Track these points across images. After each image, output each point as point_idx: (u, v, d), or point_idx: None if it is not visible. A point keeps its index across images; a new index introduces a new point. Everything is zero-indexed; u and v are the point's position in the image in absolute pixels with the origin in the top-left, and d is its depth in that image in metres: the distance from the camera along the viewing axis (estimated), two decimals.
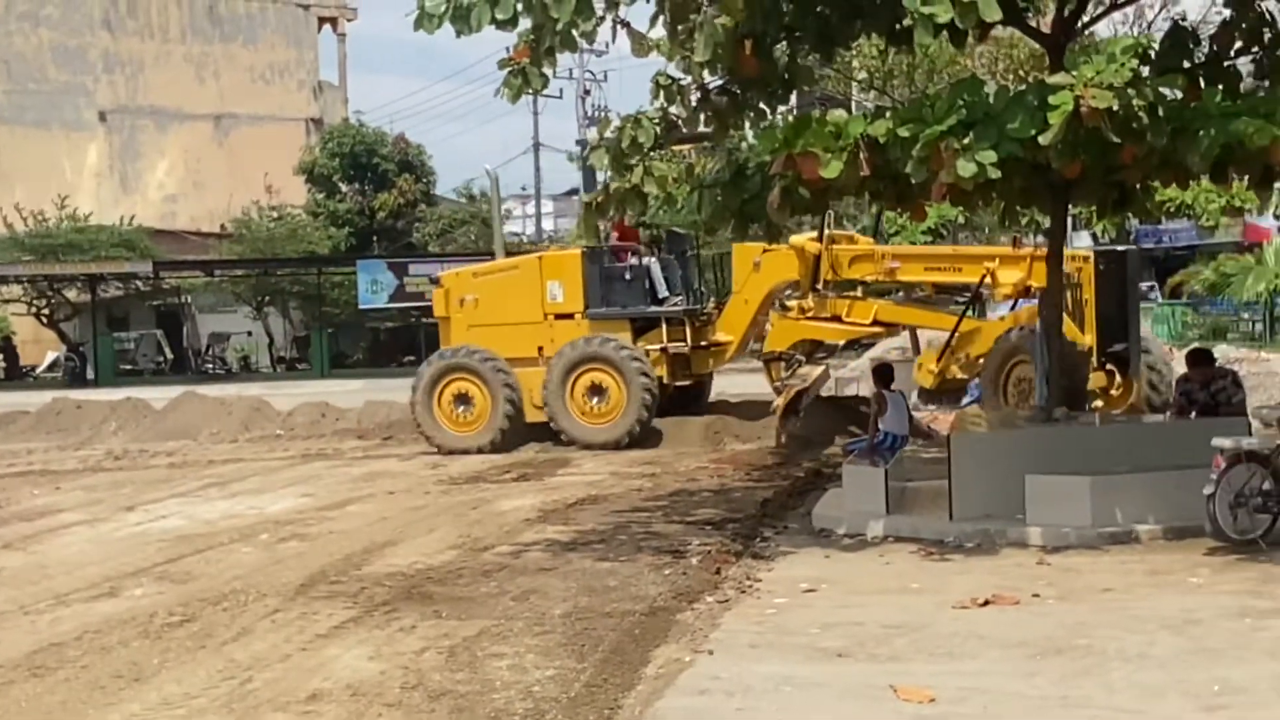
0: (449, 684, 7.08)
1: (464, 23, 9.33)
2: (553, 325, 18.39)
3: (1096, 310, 16.33)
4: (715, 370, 19.70)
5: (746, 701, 6.66)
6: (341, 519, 13.04)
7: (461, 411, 18.38)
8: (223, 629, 8.49)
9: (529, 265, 19.17)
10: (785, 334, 18.03)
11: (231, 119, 57.66)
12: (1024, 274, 16.62)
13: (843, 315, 17.52)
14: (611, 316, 18.25)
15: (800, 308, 17.82)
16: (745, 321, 18.15)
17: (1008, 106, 9.46)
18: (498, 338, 18.37)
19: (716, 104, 11.39)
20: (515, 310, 18.48)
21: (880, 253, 17.67)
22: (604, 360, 17.79)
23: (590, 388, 17.86)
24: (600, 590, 9.21)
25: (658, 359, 18.12)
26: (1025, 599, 8.54)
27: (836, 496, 12.19)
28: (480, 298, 18.82)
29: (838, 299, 17.56)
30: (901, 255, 17.90)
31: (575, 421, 17.96)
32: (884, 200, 12.18)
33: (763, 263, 17.75)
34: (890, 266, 17.34)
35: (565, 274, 18.46)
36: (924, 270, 17.64)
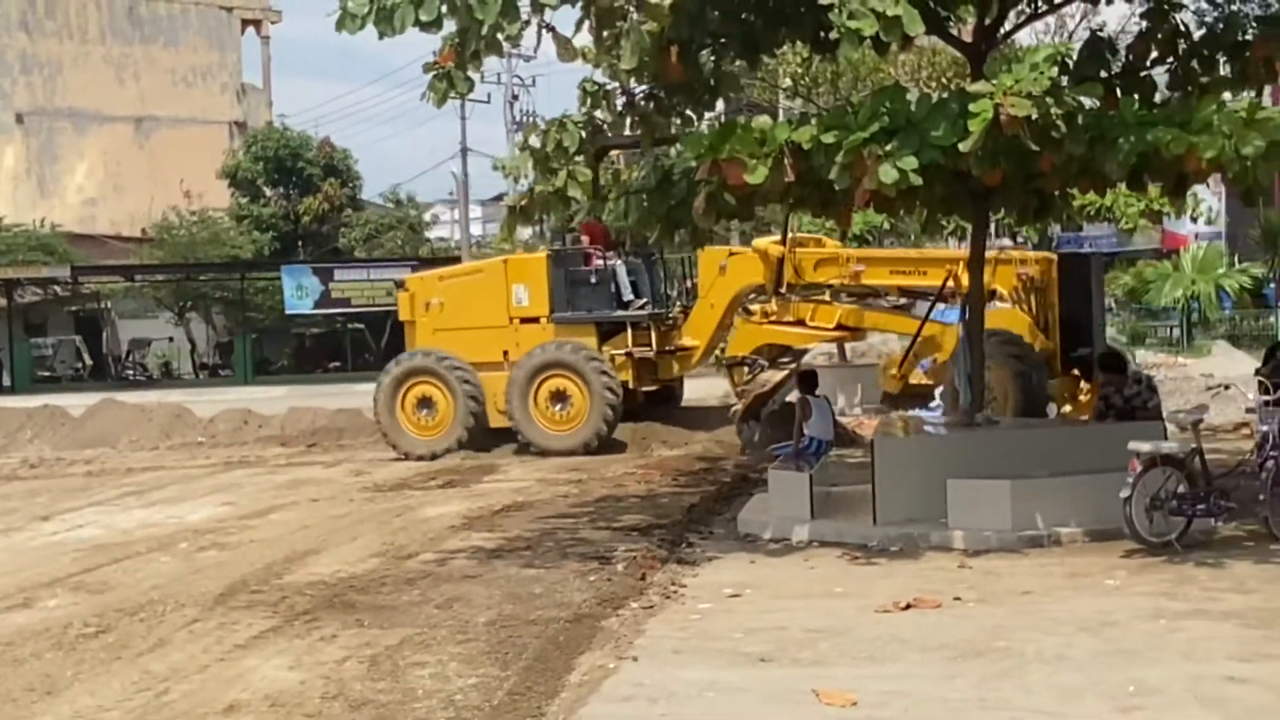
0: (370, 693, 7.00)
1: (387, 24, 9.26)
2: (518, 329, 18.32)
3: (1060, 314, 16.27)
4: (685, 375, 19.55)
5: (670, 707, 6.65)
6: (263, 527, 12.89)
7: (424, 415, 18.30)
8: (139, 640, 8.35)
9: (494, 268, 19.05)
10: (748, 338, 17.97)
11: (153, 121, 56.83)
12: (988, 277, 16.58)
13: (807, 320, 17.49)
14: (577, 321, 18.16)
15: (763, 312, 17.75)
16: (711, 326, 18.06)
17: (929, 114, 9.55)
18: (463, 342, 18.30)
19: (642, 109, 11.41)
20: (480, 314, 18.40)
21: (845, 256, 17.60)
22: (568, 366, 17.69)
23: (554, 394, 17.76)
24: (525, 597, 9.17)
25: (623, 364, 18.00)
26: (946, 602, 8.61)
27: (762, 501, 12.23)
28: (445, 301, 18.76)
29: (801, 303, 17.50)
30: (866, 259, 17.82)
31: (538, 428, 17.84)
32: (809, 206, 12.25)
33: (728, 266, 17.69)
34: (855, 270, 17.24)
35: (530, 277, 18.37)
36: (889, 274, 17.55)
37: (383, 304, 35.09)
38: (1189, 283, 30.73)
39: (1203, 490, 10.07)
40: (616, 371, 17.90)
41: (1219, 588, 8.74)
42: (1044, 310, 16.33)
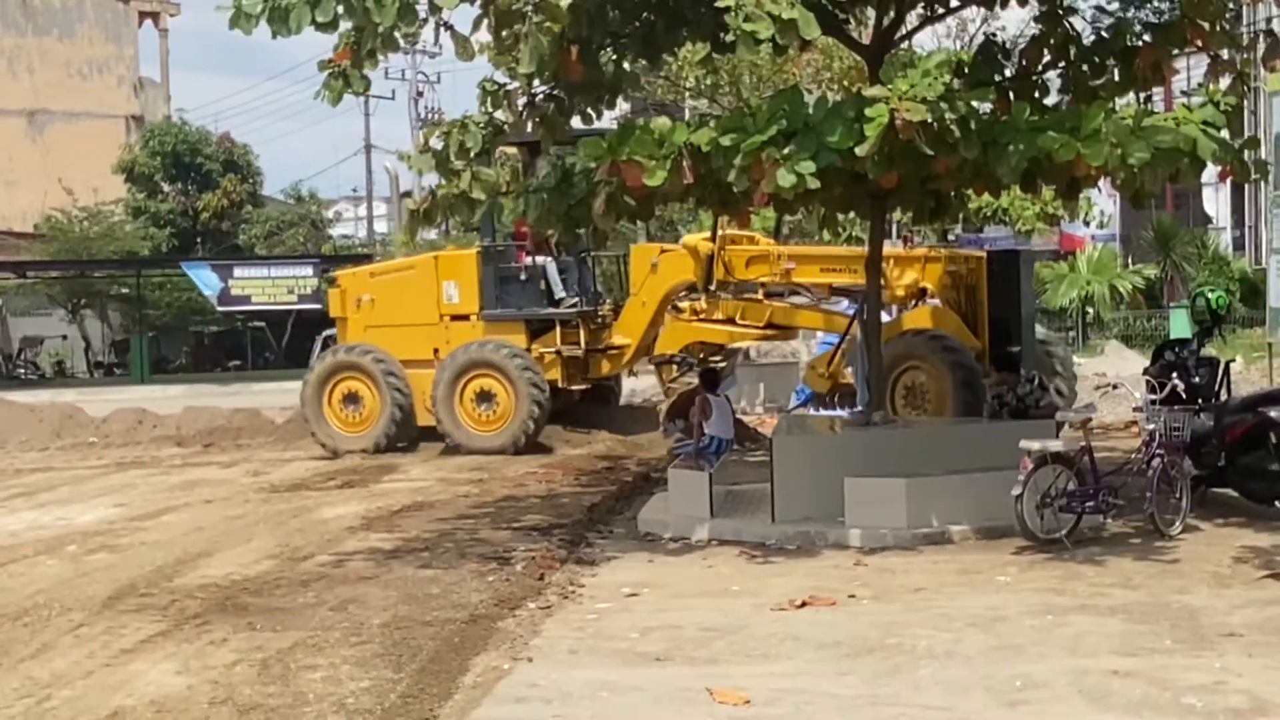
0: (259, 698, 6.91)
1: (282, 24, 9.14)
2: (448, 327, 18.07)
3: (989, 313, 16.32)
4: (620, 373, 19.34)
5: (564, 709, 6.65)
6: (155, 529, 12.64)
7: (351, 411, 18.09)
8: (21, 645, 8.15)
9: (425, 265, 18.75)
10: (677, 336, 17.78)
11: (46, 115, 55.54)
12: (918, 275, 16.66)
13: (737, 318, 17.35)
14: (506, 318, 17.91)
15: (693, 309, 17.62)
16: (643, 324, 17.83)
17: (826, 118, 9.64)
18: (394, 339, 18.05)
19: (543, 109, 11.38)
20: (411, 311, 18.15)
21: (776, 254, 17.45)
22: (493, 366, 17.47)
23: (479, 394, 17.55)
24: (421, 598, 9.10)
25: (553, 362, 17.83)
26: (841, 600, 8.71)
27: (662, 500, 12.26)
28: (377, 298, 18.50)
29: (731, 301, 17.35)
30: (798, 256, 17.67)
31: (464, 428, 17.63)
32: (708, 206, 12.31)
33: (660, 264, 17.53)
34: (786, 268, 17.13)
35: (461, 274, 18.11)
36: (820, 271, 17.38)
37: (284, 302, 34.66)
38: (1084, 283, 31.35)
39: (1092, 487, 10.29)
40: (545, 370, 17.72)
41: (1106, 583, 8.94)
42: (973, 308, 16.38)
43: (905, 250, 17.32)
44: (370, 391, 18.02)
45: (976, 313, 16.36)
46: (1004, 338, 16.21)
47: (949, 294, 16.51)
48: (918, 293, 16.75)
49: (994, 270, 16.46)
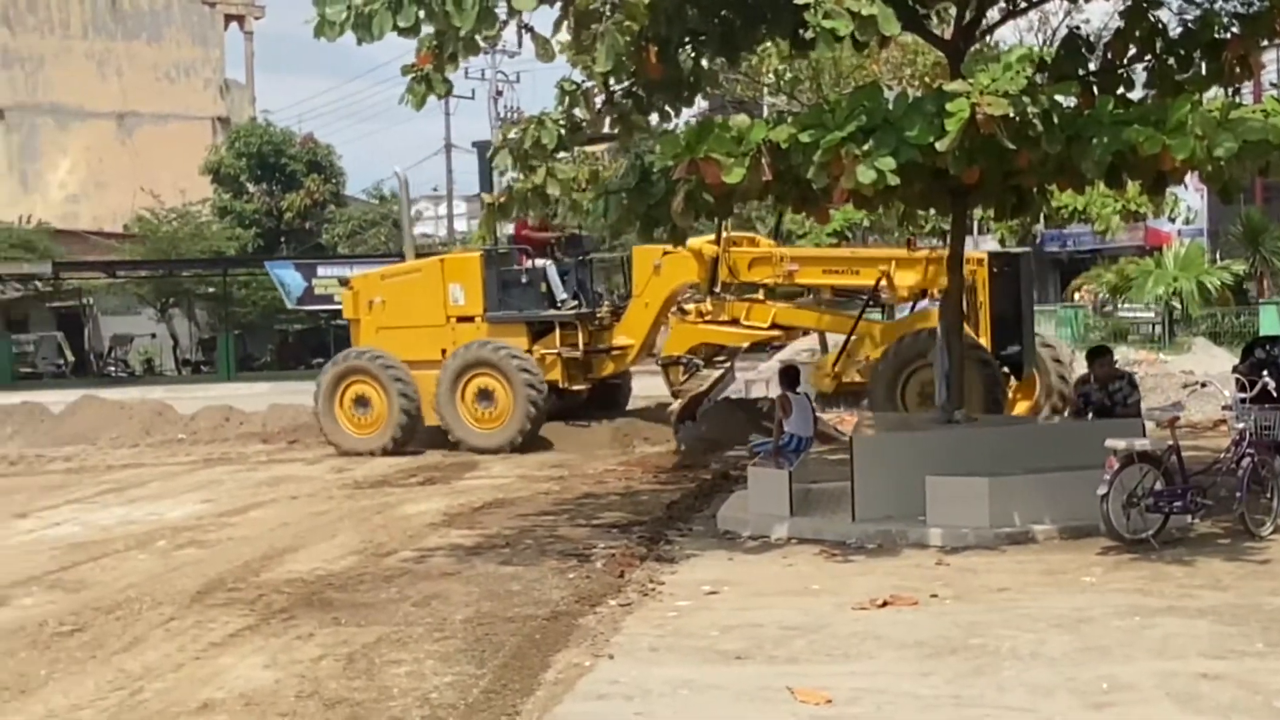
0: (345, 692, 7.00)
1: (365, 30, 9.25)
2: (455, 328, 18.46)
3: (991, 313, 16.42)
4: (628, 373, 19.54)
5: (645, 706, 6.66)
6: (242, 525, 12.86)
7: (361, 414, 18.48)
8: (114, 638, 8.33)
9: (431, 268, 19.21)
10: (683, 338, 18.02)
11: (135, 117, 56.63)
12: (920, 276, 16.79)
13: (741, 319, 17.55)
14: (508, 320, 18.29)
15: (698, 311, 17.83)
16: (646, 325, 18.15)
17: (906, 113, 9.57)
18: (404, 340, 18.43)
19: (621, 107, 11.41)
20: (419, 313, 18.57)
21: (779, 255, 17.66)
22: (491, 365, 17.83)
23: (479, 392, 17.90)
24: (502, 595, 9.17)
25: (553, 362, 18.12)
26: (923, 599, 8.64)
27: (741, 499, 12.25)
28: (387, 300, 18.92)
29: (736, 302, 17.60)
30: (800, 258, 17.90)
31: (465, 426, 18.01)
32: (787, 204, 12.27)
33: (663, 265, 17.75)
34: (789, 269, 17.34)
35: (466, 277, 18.53)
36: (822, 273, 17.66)
37: None
38: (1170, 280, 30.83)
39: (1179, 487, 10.12)
40: (547, 370, 18.03)
41: (1194, 584, 8.79)
42: (974, 309, 16.40)
43: (909, 253, 17.36)
44: (379, 395, 18.41)
45: (978, 313, 16.40)
46: (1005, 338, 16.31)
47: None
48: (920, 294, 16.87)
49: (995, 272, 16.54)
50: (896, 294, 16.88)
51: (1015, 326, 16.59)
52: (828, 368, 17.12)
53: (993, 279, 16.52)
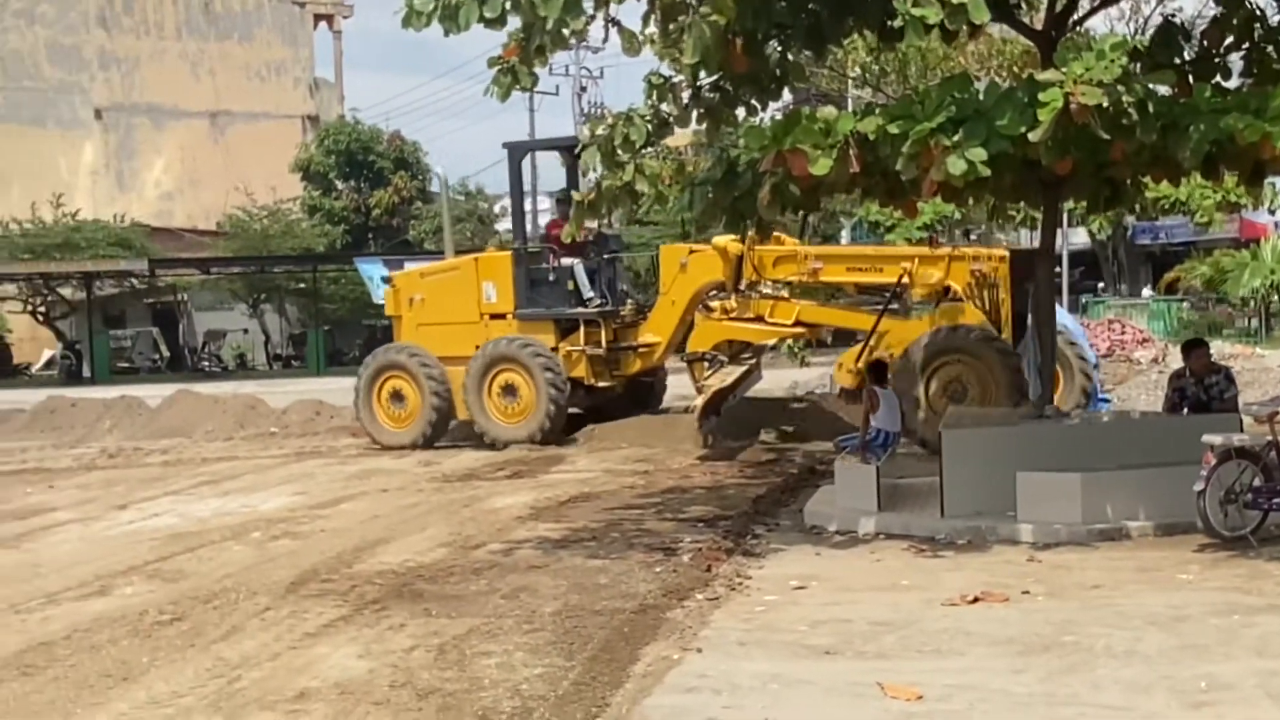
0: (437, 682, 7.08)
1: (452, 21, 9.32)
2: (488, 325, 18.87)
3: (1012, 310, 16.42)
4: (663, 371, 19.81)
5: (734, 699, 6.67)
6: (334, 517, 13.04)
7: (397, 408, 19.01)
8: (212, 627, 8.49)
9: (466, 266, 19.66)
10: (707, 335, 18.21)
11: (227, 116, 57.62)
12: (942, 274, 16.85)
13: (766, 316, 17.72)
14: (537, 317, 18.66)
15: (723, 308, 18.01)
16: (673, 322, 18.31)
17: (997, 103, 9.46)
18: (441, 336, 18.93)
19: (708, 101, 11.39)
20: (456, 310, 19.03)
21: (804, 254, 17.67)
22: (514, 361, 18.23)
23: (504, 387, 18.31)
24: (590, 588, 9.21)
25: (580, 359, 18.46)
26: (1014, 596, 8.55)
27: (828, 493, 12.20)
28: (426, 297, 19.44)
29: (761, 299, 17.73)
30: (824, 256, 17.97)
31: (492, 420, 18.45)
32: (874, 196, 12.19)
33: (689, 264, 17.97)
34: (814, 267, 17.42)
35: (498, 275, 18.92)
36: (846, 271, 17.74)
37: None
38: (1268, 272, 30.18)
39: (1279, 483, 9.91)
40: (573, 366, 18.36)
41: None
42: (995, 306, 16.48)
43: (931, 250, 17.41)
44: (413, 390, 18.85)
45: (999, 310, 16.45)
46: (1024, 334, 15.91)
47: (973, 292, 16.66)
48: (943, 291, 16.90)
49: (1015, 269, 16.48)
50: (918, 291, 17.01)
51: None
52: (851, 364, 17.21)
53: (1014, 277, 16.46)
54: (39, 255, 44.77)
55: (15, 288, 46.43)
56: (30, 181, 53.03)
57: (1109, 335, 30.61)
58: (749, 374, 18.50)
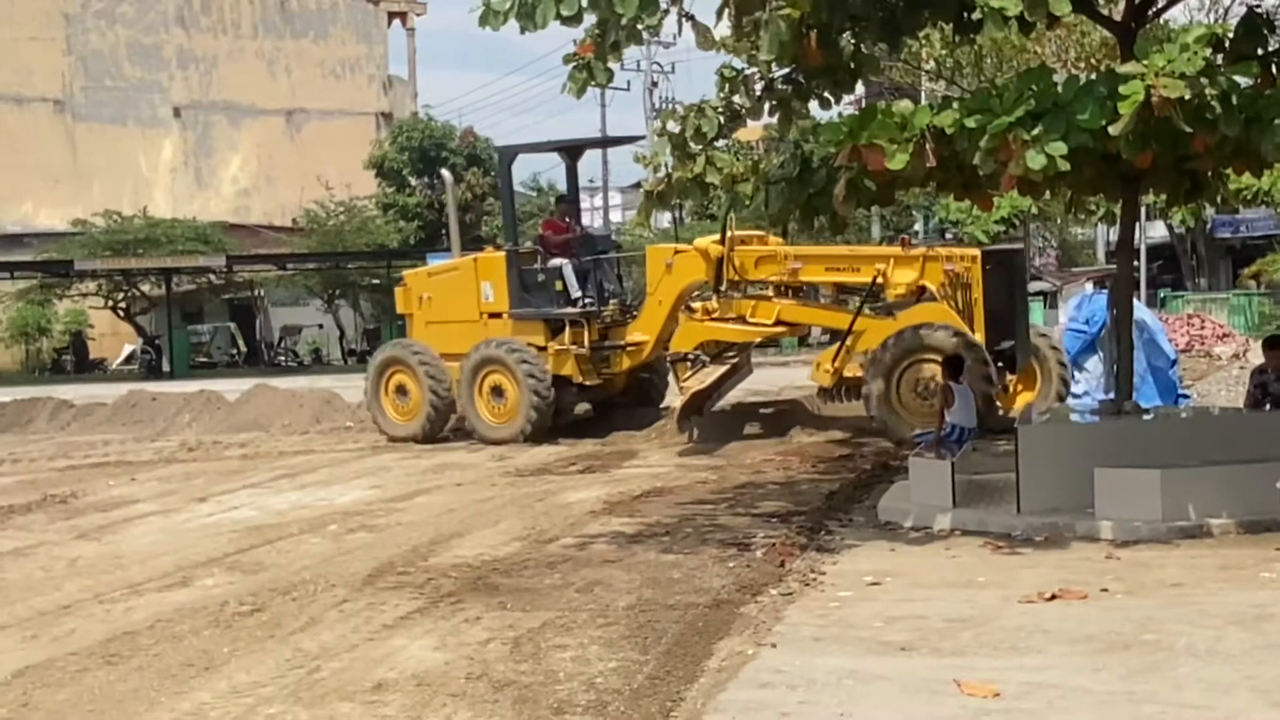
0: (513, 675, 7.13)
1: (529, 19, 9.34)
2: (486, 324, 19.38)
3: (985, 309, 16.55)
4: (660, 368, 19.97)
5: (809, 695, 6.65)
6: (409, 510, 13.16)
7: (401, 402, 19.69)
8: (291, 619, 8.61)
9: (466, 266, 20.22)
10: (690, 335, 18.43)
11: (303, 114, 58.27)
12: (917, 274, 17.02)
13: (747, 315, 17.91)
14: (528, 316, 19.11)
15: (705, 309, 18.29)
16: (660, 321, 18.62)
17: (1077, 96, 9.34)
18: (446, 334, 19.54)
19: (781, 93, 11.35)
20: (458, 309, 19.63)
21: (783, 254, 17.88)
22: (499, 362, 18.71)
23: (493, 388, 18.84)
24: (664, 582, 9.23)
25: (568, 357, 18.88)
26: (1093, 593, 8.45)
27: (902, 489, 12.12)
28: (433, 296, 20.10)
29: (742, 300, 17.94)
30: (803, 256, 18.17)
31: (481, 420, 18.98)
32: (949, 191, 12.10)
33: (674, 264, 18.29)
34: (793, 267, 17.68)
35: (494, 275, 19.41)
36: (825, 270, 17.98)
37: None
38: None
39: None
40: (562, 365, 18.74)
41: None
42: (969, 306, 16.59)
43: (904, 250, 17.57)
44: (415, 385, 19.40)
45: (973, 309, 16.60)
46: (999, 333, 16.54)
47: (946, 292, 16.80)
48: (918, 291, 17.02)
49: (988, 268, 16.71)
50: (893, 291, 17.23)
51: (1009, 322, 16.82)
52: (828, 363, 17.38)
53: (986, 275, 16.71)
54: (119, 252, 45.56)
55: (97, 284, 47.29)
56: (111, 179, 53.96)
57: (1188, 330, 30.15)
58: (733, 373, 18.82)
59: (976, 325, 16.54)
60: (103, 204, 49.23)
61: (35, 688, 7.27)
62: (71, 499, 14.83)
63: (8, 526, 13.09)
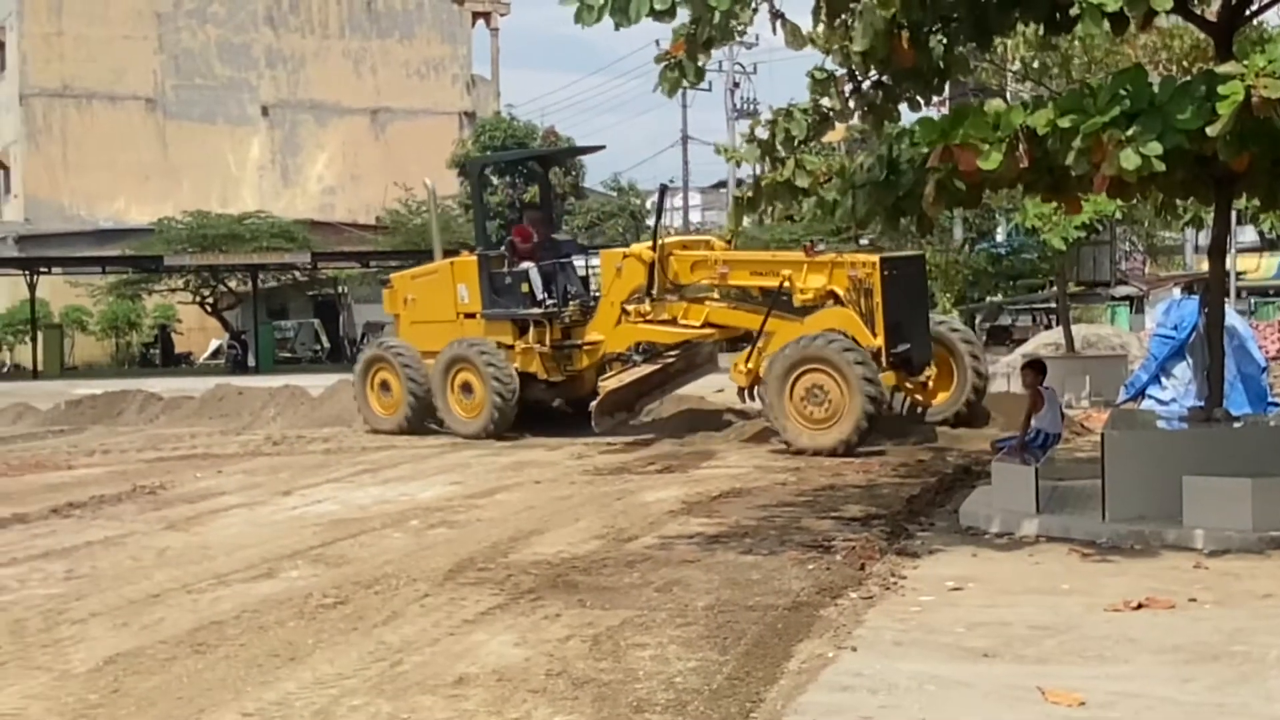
0: (592, 672, 7.15)
1: (623, 15, 9.33)
2: (462, 324, 20.50)
3: (884, 314, 17.17)
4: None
5: (890, 699, 6.60)
6: (489, 507, 13.24)
7: (385, 397, 20.93)
8: (374, 612, 8.69)
9: (444, 269, 21.26)
10: (624, 336, 19.57)
11: (388, 113, 58.89)
12: (826, 279, 17.75)
13: (679, 318, 19.00)
14: (498, 317, 20.20)
15: (638, 311, 19.18)
16: (612, 322, 19.63)
17: (1173, 97, 9.17)
18: (428, 334, 20.63)
19: (869, 96, 11.27)
20: (438, 309, 20.78)
21: (714, 259, 18.84)
22: (467, 360, 19.75)
23: (463, 385, 19.93)
24: (743, 583, 9.21)
25: (532, 356, 19.95)
26: (1181, 603, 8.31)
27: (985, 494, 12.00)
28: (416, 297, 21.33)
29: (675, 303, 18.98)
30: (730, 261, 18.90)
31: (453, 415, 20.08)
32: (1037, 192, 11.94)
33: (623, 268, 19.28)
34: (722, 272, 18.71)
35: (469, 278, 20.53)
36: (750, 275, 18.84)
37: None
38: None
39: None
40: (528, 363, 19.86)
41: None
42: (870, 311, 17.25)
43: (809, 257, 18.20)
44: (396, 381, 20.62)
45: (874, 314, 17.26)
46: (895, 336, 17.27)
47: (851, 297, 17.50)
48: (827, 295, 17.71)
49: (886, 275, 17.35)
50: (802, 296, 18.06)
51: (910, 326, 17.55)
52: (742, 364, 18.09)
53: (885, 281, 17.29)
54: (205, 247, 46.33)
55: (185, 279, 48.10)
56: (199, 176, 54.88)
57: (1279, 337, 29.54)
58: (666, 373, 20.00)
59: (877, 328, 17.22)
60: (192, 201, 50.11)
61: (126, 674, 7.40)
62: (160, 490, 15.09)
63: (99, 516, 13.34)
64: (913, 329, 17.66)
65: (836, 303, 17.62)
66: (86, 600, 9.33)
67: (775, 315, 18.15)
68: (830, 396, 16.70)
